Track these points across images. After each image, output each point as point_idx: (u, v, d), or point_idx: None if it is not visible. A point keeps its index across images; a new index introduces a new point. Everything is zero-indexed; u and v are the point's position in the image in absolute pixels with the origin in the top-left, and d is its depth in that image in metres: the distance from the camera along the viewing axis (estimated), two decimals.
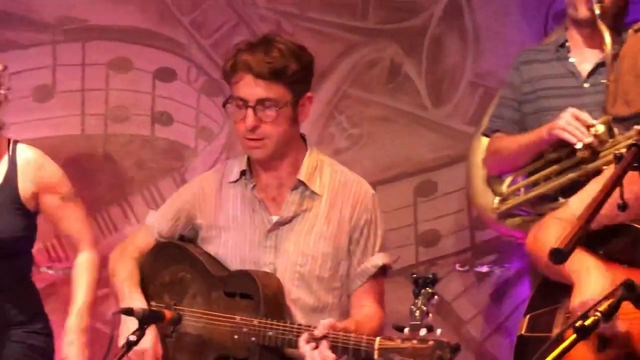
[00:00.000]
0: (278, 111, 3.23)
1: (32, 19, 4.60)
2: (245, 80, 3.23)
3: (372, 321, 3.29)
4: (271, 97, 3.23)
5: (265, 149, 3.27)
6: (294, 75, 3.24)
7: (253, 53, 3.23)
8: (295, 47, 3.28)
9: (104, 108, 4.62)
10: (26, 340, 3.58)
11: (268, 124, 3.24)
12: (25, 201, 3.61)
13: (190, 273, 3.40)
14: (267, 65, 3.20)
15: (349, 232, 3.33)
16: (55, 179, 3.69)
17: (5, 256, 3.56)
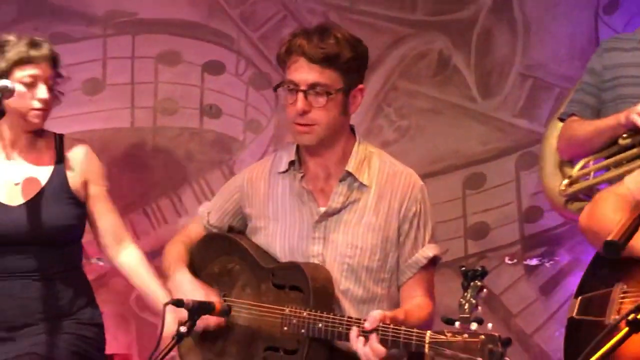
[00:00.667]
0: (329, 97, 3.23)
1: (83, 13, 4.64)
2: (299, 63, 3.24)
3: (421, 311, 3.28)
4: (323, 82, 3.23)
5: (314, 135, 3.27)
6: (347, 63, 3.24)
7: (308, 38, 3.23)
8: (351, 37, 3.28)
9: (153, 101, 4.66)
10: (77, 331, 3.59)
11: (318, 110, 3.24)
12: (76, 190, 3.65)
13: (239, 264, 3.41)
14: (321, 50, 3.20)
15: (398, 224, 3.32)
16: (100, 171, 3.73)
17: (57, 245, 3.59)
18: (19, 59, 3.51)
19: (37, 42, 3.56)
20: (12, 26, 4.57)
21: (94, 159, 3.72)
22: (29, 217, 3.54)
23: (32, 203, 3.57)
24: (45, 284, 3.56)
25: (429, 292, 3.35)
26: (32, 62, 3.52)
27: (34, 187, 3.60)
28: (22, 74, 3.51)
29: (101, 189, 3.70)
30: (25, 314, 3.54)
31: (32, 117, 3.55)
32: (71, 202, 3.63)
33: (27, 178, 3.61)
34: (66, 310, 3.60)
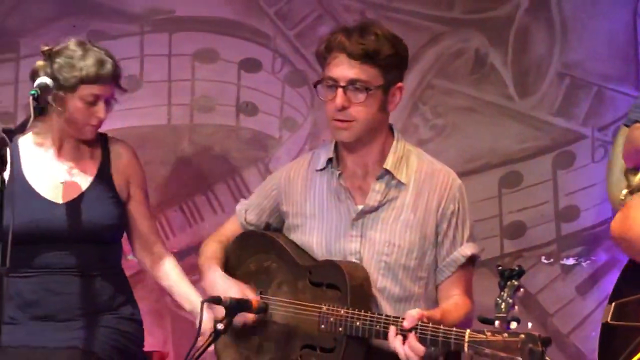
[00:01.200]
0: (368, 94, 3.24)
1: (121, 10, 4.67)
2: (339, 59, 3.24)
3: (459, 310, 3.27)
4: (363, 78, 3.23)
5: (352, 131, 3.27)
6: (387, 59, 3.24)
7: (349, 35, 3.24)
8: (390, 34, 3.29)
9: (190, 98, 4.67)
10: (117, 326, 3.63)
11: (357, 106, 3.25)
12: (120, 190, 3.70)
13: (276, 262, 3.42)
14: (361, 46, 3.21)
15: (436, 222, 3.32)
16: (142, 174, 3.78)
17: (99, 243, 3.63)
18: (86, 78, 3.53)
19: (103, 61, 3.56)
20: (51, 23, 4.61)
21: (137, 161, 3.78)
22: (73, 215, 3.58)
23: (77, 201, 3.61)
24: (86, 281, 3.60)
25: (467, 291, 3.35)
26: (98, 82, 3.55)
27: (79, 186, 3.65)
28: (86, 92, 3.54)
29: (140, 192, 3.75)
30: (66, 309, 3.58)
31: (86, 131, 3.61)
32: (114, 202, 3.67)
33: (73, 176, 3.66)
34: (106, 306, 3.63)
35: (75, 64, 3.55)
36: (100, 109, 3.57)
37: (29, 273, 3.57)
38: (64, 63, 3.55)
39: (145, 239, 3.77)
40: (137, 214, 3.74)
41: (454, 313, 3.23)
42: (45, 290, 3.57)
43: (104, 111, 3.58)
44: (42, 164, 3.66)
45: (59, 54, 3.58)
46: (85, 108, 3.57)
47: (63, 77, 3.53)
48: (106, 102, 3.59)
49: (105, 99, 3.58)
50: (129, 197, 3.73)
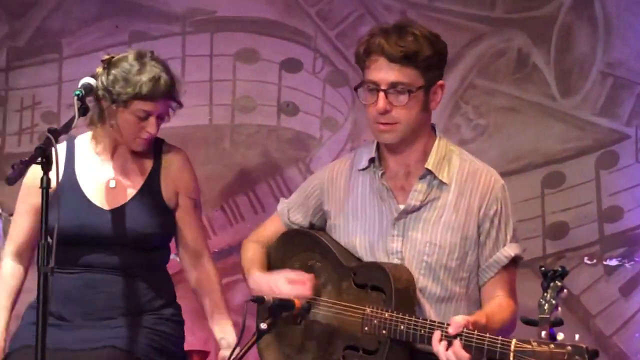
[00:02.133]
0: (410, 96, 3.23)
1: (162, 11, 4.70)
2: (379, 63, 3.23)
3: (504, 312, 3.25)
4: (403, 81, 3.22)
5: (395, 134, 3.27)
6: (426, 60, 3.22)
7: (387, 37, 3.22)
8: (429, 33, 3.27)
9: (231, 98, 4.69)
10: (156, 327, 3.63)
11: (399, 108, 3.24)
12: (167, 199, 3.68)
13: (320, 262, 3.42)
14: (400, 49, 3.19)
15: (478, 222, 3.30)
16: (192, 183, 3.75)
17: (144, 249, 3.64)
18: (139, 95, 3.51)
19: (158, 77, 3.53)
20: (93, 24, 4.65)
21: (189, 170, 3.74)
22: (118, 222, 3.59)
23: (124, 208, 3.62)
24: (130, 281, 3.61)
25: (511, 292, 3.32)
26: (151, 99, 3.54)
27: (127, 193, 3.65)
28: (137, 107, 3.53)
29: (189, 201, 3.72)
30: (107, 308, 3.58)
31: (136, 144, 3.61)
32: (160, 211, 3.66)
33: (122, 183, 3.66)
34: (148, 306, 3.64)
35: (130, 79, 3.52)
36: (151, 125, 3.57)
37: (73, 270, 3.59)
38: (119, 77, 3.53)
39: (189, 249, 3.75)
40: (184, 223, 3.72)
41: (498, 315, 3.21)
42: (88, 287, 3.58)
43: (154, 127, 3.57)
44: (94, 168, 3.67)
45: (116, 66, 3.55)
46: (136, 123, 3.56)
47: (116, 91, 3.52)
48: (158, 117, 3.59)
49: (158, 115, 3.58)
50: (177, 206, 3.71)
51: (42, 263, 3.08)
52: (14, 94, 4.88)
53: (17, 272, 3.71)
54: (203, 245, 3.77)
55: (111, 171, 3.67)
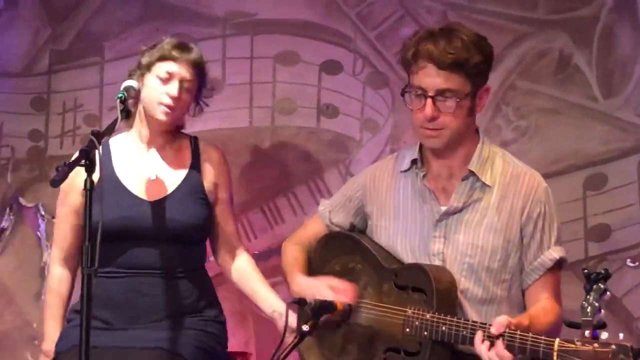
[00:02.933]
0: (457, 102, 3.21)
1: (203, 14, 4.72)
2: (427, 69, 3.21)
3: (548, 315, 3.23)
4: (451, 88, 3.21)
5: (442, 139, 3.26)
6: (475, 67, 3.21)
7: (435, 42, 3.20)
8: (477, 38, 3.25)
9: (271, 100, 4.69)
10: (202, 327, 3.65)
11: (447, 115, 3.23)
12: (208, 192, 3.73)
13: (361, 264, 3.42)
14: (449, 56, 3.18)
15: (521, 225, 3.28)
16: (229, 177, 3.81)
17: (184, 243, 3.65)
18: (161, 55, 3.61)
19: (184, 46, 3.65)
20: (135, 27, 4.68)
21: (226, 165, 3.81)
22: (159, 213, 3.62)
23: (166, 199, 3.65)
24: (171, 282, 3.63)
25: (555, 295, 3.31)
26: (173, 60, 3.61)
27: (169, 184, 3.69)
28: (160, 68, 3.60)
29: (227, 196, 3.78)
30: (151, 310, 3.60)
31: (159, 112, 3.62)
32: (202, 203, 3.70)
33: (163, 174, 3.70)
34: (191, 308, 3.65)
35: (157, 47, 3.65)
36: (173, 87, 3.59)
37: (116, 274, 3.61)
38: (150, 51, 3.66)
39: (228, 243, 3.79)
40: (222, 217, 3.77)
41: (542, 319, 3.19)
42: (133, 292, 3.61)
43: (176, 89, 3.59)
44: (134, 164, 3.71)
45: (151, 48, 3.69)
46: (158, 84, 3.60)
47: (145, 60, 3.64)
48: (181, 86, 3.60)
49: (180, 79, 3.60)
50: (216, 200, 3.75)
51: (85, 264, 3.10)
52: (57, 97, 4.92)
53: (65, 278, 3.76)
54: (239, 238, 3.84)
55: (151, 165, 3.70)
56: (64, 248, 3.76)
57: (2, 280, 4.96)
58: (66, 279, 3.76)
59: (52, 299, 3.77)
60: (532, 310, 3.25)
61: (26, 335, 4.91)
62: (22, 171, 4.98)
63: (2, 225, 4.96)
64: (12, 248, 4.96)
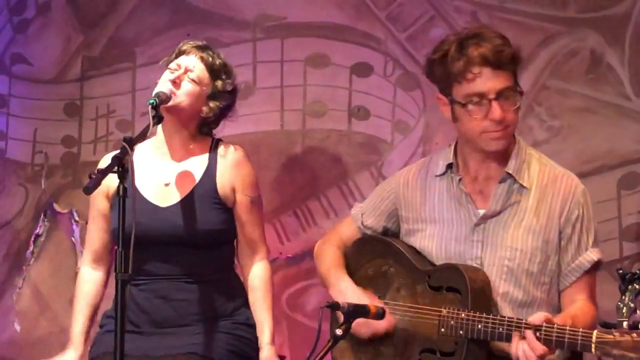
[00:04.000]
0: (516, 98, 3.23)
1: (233, 18, 4.73)
2: (483, 73, 3.19)
3: (586, 315, 3.22)
4: (508, 85, 3.22)
5: (507, 138, 3.27)
6: (517, 62, 3.24)
7: (480, 46, 3.19)
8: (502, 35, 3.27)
9: (302, 103, 4.69)
10: (233, 331, 3.64)
11: (510, 113, 3.23)
12: (224, 196, 3.68)
13: (394, 267, 3.41)
14: (502, 54, 3.19)
15: (560, 227, 3.27)
16: (248, 180, 3.74)
17: (207, 247, 3.64)
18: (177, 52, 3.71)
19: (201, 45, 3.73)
20: (165, 32, 4.70)
21: (245, 167, 3.74)
22: (176, 219, 3.61)
23: (180, 205, 3.63)
24: (199, 287, 3.63)
25: (592, 296, 3.30)
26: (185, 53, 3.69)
27: (183, 190, 3.66)
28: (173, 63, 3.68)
29: (246, 198, 3.71)
30: (180, 315, 3.61)
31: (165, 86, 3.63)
32: (217, 207, 3.67)
33: (178, 180, 3.68)
34: (222, 311, 3.65)
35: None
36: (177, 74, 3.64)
37: (139, 281, 3.61)
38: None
39: (244, 248, 3.75)
40: (240, 220, 3.71)
41: (581, 318, 3.18)
42: (157, 298, 3.62)
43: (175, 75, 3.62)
44: (151, 171, 3.70)
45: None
46: (167, 74, 3.65)
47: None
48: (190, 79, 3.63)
49: (186, 69, 3.63)
50: (234, 203, 3.72)
51: (118, 270, 3.12)
52: (89, 103, 4.96)
53: (94, 278, 3.76)
54: (259, 243, 3.75)
55: (168, 171, 3.70)
56: (93, 251, 3.77)
57: (38, 286, 5.00)
58: (95, 278, 3.76)
59: (77, 298, 3.77)
60: (572, 310, 3.24)
61: (61, 341, 4.91)
62: (55, 177, 5.02)
63: (37, 232, 5.00)
64: (47, 254, 5.00)
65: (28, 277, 5.02)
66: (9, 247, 5.05)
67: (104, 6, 4.94)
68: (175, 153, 3.71)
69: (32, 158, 5.05)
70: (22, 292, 5.02)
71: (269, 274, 3.75)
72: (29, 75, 5.06)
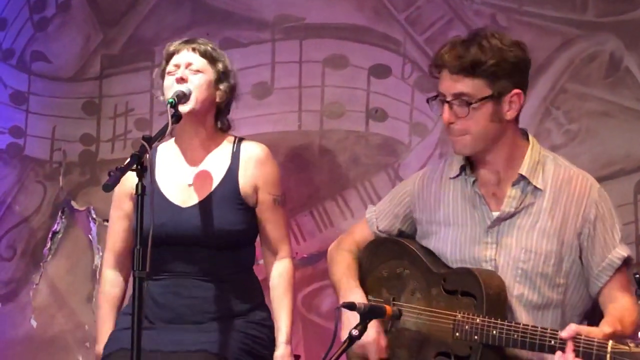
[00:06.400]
0: (470, 107, 3.21)
1: (252, 18, 4.74)
2: (442, 74, 3.26)
3: (632, 314, 3.19)
4: (465, 91, 3.21)
5: (465, 144, 3.27)
6: (490, 69, 3.20)
7: (451, 49, 3.24)
8: (503, 43, 3.23)
9: (320, 104, 4.69)
10: (247, 330, 3.65)
11: (464, 120, 3.23)
12: (246, 196, 3.69)
13: (408, 269, 3.42)
14: (461, 60, 3.20)
15: (577, 229, 3.26)
16: (271, 178, 3.74)
17: (228, 247, 3.65)
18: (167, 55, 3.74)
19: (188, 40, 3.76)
20: (185, 32, 4.70)
21: (268, 165, 3.75)
22: (198, 219, 3.62)
23: (202, 205, 3.64)
24: (216, 286, 3.64)
25: (629, 291, 3.25)
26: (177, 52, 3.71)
27: (205, 190, 3.67)
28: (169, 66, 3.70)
29: (268, 197, 3.72)
30: (194, 313, 3.62)
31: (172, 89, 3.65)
32: (239, 207, 3.68)
33: (200, 180, 3.69)
34: (237, 311, 3.66)
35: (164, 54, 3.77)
36: (179, 72, 3.64)
37: (158, 276, 3.62)
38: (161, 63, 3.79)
39: (267, 246, 3.76)
40: (263, 219, 3.72)
41: (628, 318, 3.16)
42: (173, 294, 3.63)
43: (182, 72, 3.63)
44: (173, 171, 3.72)
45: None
46: (170, 80, 3.66)
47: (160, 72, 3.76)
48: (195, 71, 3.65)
49: (186, 64, 3.65)
50: (256, 202, 3.72)
51: (136, 267, 3.14)
52: (108, 101, 4.98)
53: (117, 281, 3.79)
54: (281, 242, 3.76)
55: (190, 171, 3.71)
56: (115, 252, 3.79)
57: (54, 282, 5.03)
58: (118, 283, 3.79)
59: (103, 303, 3.80)
60: (616, 312, 3.19)
61: (78, 338, 4.96)
62: (73, 175, 5.03)
63: (55, 229, 5.02)
64: (64, 251, 5.02)
65: (45, 274, 5.04)
66: (27, 243, 5.07)
67: (123, 5, 4.96)
68: (196, 153, 3.72)
69: (50, 155, 5.07)
70: (39, 289, 5.04)
71: (291, 273, 3.76)
72: (49, 73, 5.08)
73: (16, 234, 5.09)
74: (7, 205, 5.09)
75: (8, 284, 5.07)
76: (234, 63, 3.87)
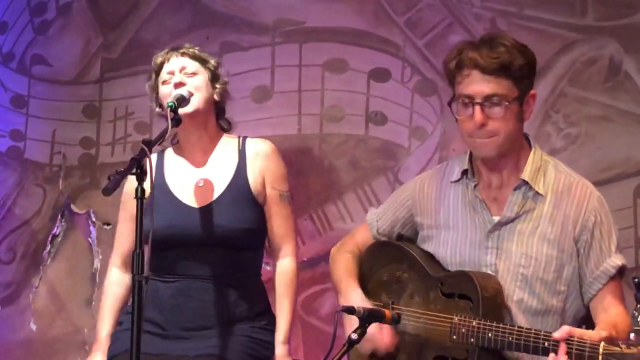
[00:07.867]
0: (506, 107, 3.20)
1: (252, 22, 4.75)
2: (472, 77, 3.20)
3: (624, 322, 3.16)
4: (498, 92, 3.19)
5: (494, 146, 3.24)
6: (520, 70, 3.20)
7: (478, 50, 3.20)
8: (518, 43, 3.24)
9: (320, 108, 4.70)
10: (253, 335, 3.64)
11: (495, 121, 3.21)
12: (256, 193, 3.70)
13: (408, 272, 3.42)
14: (494, 60, 3.17)
15: (575, 235, 3.26)
16: (279, 172, 3.75)
17: (236, 248, 3.65)
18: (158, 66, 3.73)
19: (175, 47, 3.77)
20: (185, 35, 4.72)
21: (274, 159, 3.76)
22: (209, 219, 3.62)
23: (213, 205, 3.64)
24: (224, 290, 3.63)
25: (622, 301, 3.26)
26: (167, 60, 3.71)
27: (215, 189, 3.68)
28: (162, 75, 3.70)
29: (275, 192, 3.72)
30: (202, 317, 3.61)
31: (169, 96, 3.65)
32: (251, 205, 3.68)
33: (210, 181, 3.70)
34: (243, 316, 3.65)
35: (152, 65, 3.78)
36: (176, 78, 3.65)
37: (169, 278, 3.63)
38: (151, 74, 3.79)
39: (272, 241, 3.75)
40: (269, 214, 3.72)
41: (621, 325, 3.14)
42: (184, 296, 3.62)
43: (179, 78, 3.64)
44: (183, 172, 3.73)
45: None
46: (167, 87, 3.65)
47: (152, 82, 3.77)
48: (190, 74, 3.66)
49: (180, 69, 3.66)
50: (264, 198, 3.72)
51: (136, 271, 3.14)
52: (108, 105, 4.99)
53: (122, 281, 3.79)
54: (286, 240, 3.75)
55: (200, 172, 3.72)
56: (122, 253, 3.80)
57: (54, 286, 5.03)
58: (123, 282, 3.79)
59: (105, 300, 3.79)
60: (610, 318, 3.18)
61: (77, 341, 4.97)
62: (73, 178, 5.04)
63: (54, 232, 5.03)
64: (64, 254, 5.03)
65: (45, 277, 5.04)
66: (26, 246, 5.08)
67: (124, 8, 4.97)
68: (203, 154, 3.73)
69: (50, 159, 5.08)
70: (38, 292, 5.05)
71: (293, 272, 3.75)
72: (49, 76, 5.09)
73: (16, 237, 5.09)
74: (7, 208, 5.10)
75: (8, 287, 5.08)
76: (234, 66, 3.87)
